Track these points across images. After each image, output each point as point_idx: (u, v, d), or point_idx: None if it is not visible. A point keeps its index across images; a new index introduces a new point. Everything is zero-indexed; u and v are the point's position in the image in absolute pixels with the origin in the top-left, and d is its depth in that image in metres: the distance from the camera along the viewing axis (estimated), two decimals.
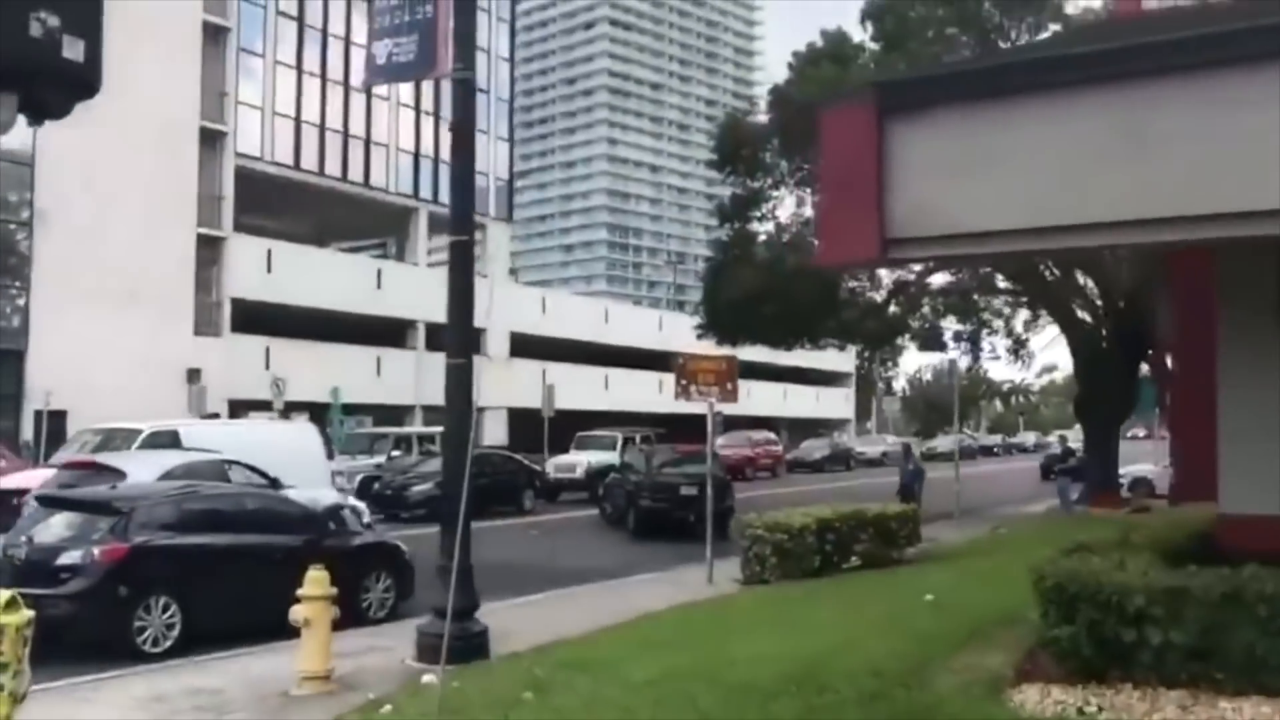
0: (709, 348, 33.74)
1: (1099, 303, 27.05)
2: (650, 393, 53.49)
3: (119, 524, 10.20)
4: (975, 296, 29.11)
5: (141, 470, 14.27)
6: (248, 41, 36.99)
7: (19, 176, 30.22)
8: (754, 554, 14.06)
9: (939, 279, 28.38)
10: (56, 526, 10.44)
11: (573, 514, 26.91)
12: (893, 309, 28.84)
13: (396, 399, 41.05)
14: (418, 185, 44.03)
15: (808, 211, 29.08)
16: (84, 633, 9.82)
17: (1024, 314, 32.15)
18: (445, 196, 44.31)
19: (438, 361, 34.62)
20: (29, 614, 3.92)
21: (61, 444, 29.47)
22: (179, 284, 33.65)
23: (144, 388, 30.55)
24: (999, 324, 29.77)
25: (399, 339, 42.43)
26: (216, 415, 31.34)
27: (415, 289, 42.10)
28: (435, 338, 42.66)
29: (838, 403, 73.14)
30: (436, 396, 35.34)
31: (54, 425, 29.09)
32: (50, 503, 10.84)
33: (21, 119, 3.59)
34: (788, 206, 29.84)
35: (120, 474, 13.92)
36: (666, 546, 19.87)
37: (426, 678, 8.36)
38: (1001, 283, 27.81)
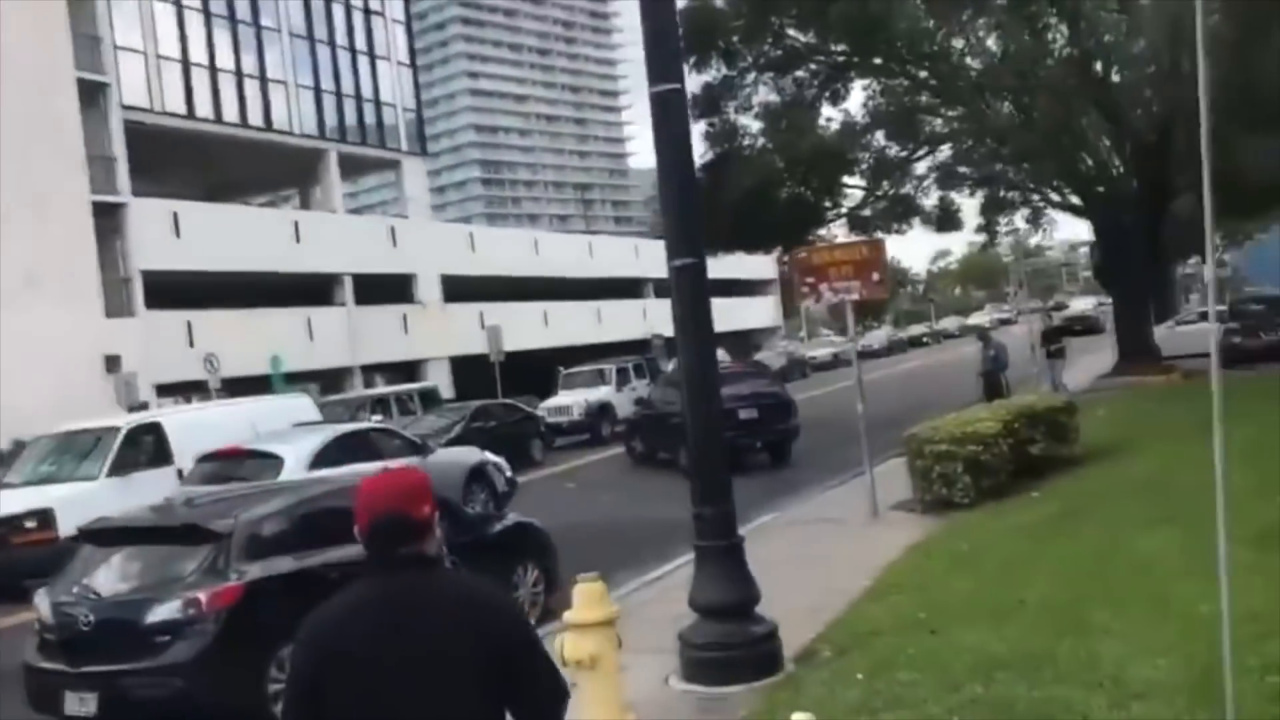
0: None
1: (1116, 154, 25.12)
2: (588, 324, 50.78)
3: (219, 554, 7.18)
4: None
5: (291, 452, 12.84)
6: None
7: None
8: (939, 474, 11.60)
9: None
10: (127, 569, 7.37)
11: (590, 458, 24.20)
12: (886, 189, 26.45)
13: (332, 361, 37.38)
14: (323, 125, 39.85)
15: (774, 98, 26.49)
16: (205, 714, 6.90)
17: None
18: (355, 133, 40.49)
19: (369, 316, 31.21)
20: None
21: None
22: (80, 261, 29.37)
23: (57, 382, 26.57)
24: (1011, 194, 27.44)
25: (326, 296, 38.61)
26: (146, 405, 27.53)
27: (336, 239, 38.27)
28: (364, 291, 39.13)
29: (765, 311, 71.37)
30: (373, 354, 31.88)
31: None
32: (107, 538, 7.69)
33: None
34: (761, 94, 27.07)
35: (274, 459, 12.53)
36: (744, 481, 17.34)
37: (799, 717, 5.69)
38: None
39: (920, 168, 26.29)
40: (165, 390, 30.47)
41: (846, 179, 24.44)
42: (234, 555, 7.16)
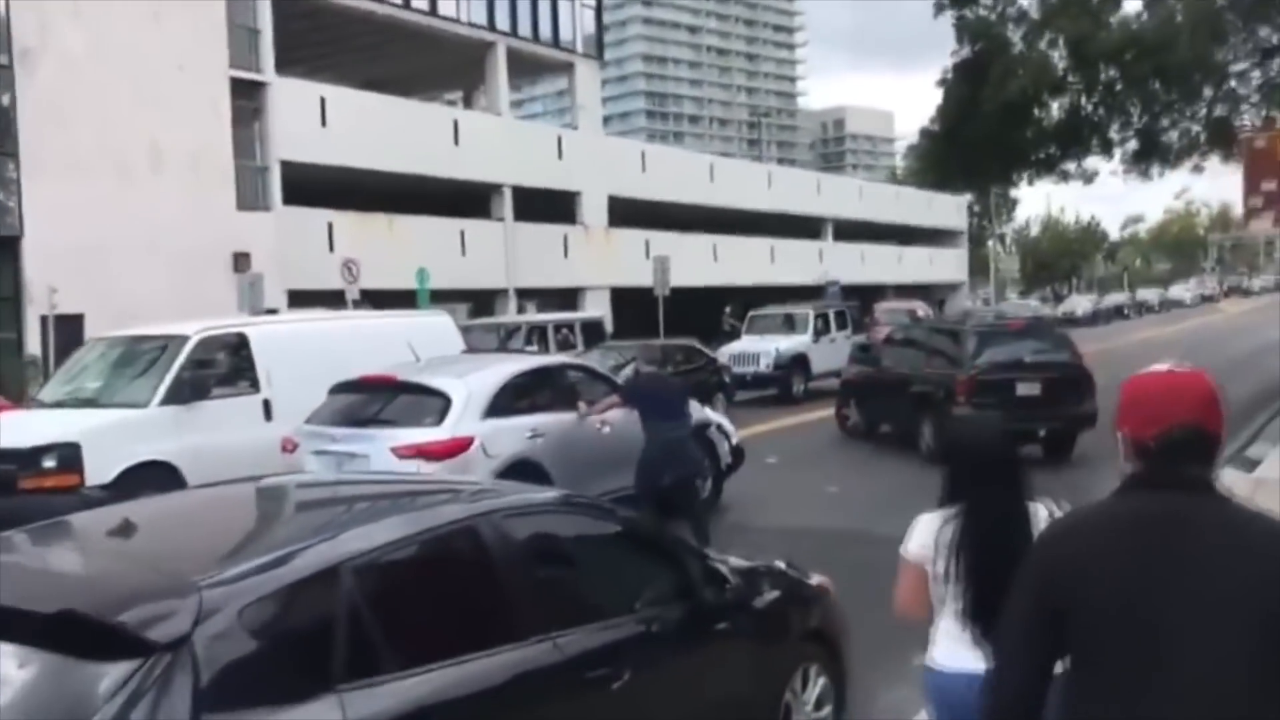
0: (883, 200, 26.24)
1: None
2: (760, 263, 46.03)
3: (148, 684, 2.79)
4: None
5: (461, 390, 9.45)
6: None
7: None
8: None
9: None
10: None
11: (784, 421, 19.57)
12: None
13: (484, 281, 33.61)
14: (493, 15, 35.60)
15: None
16: None
17: None
18: (527, 28, 36.35)
19: (527, 235, 27.65)
20: None
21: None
22: (212, 142, 25.99)
23: (180, 278, 23.42)
24: None
25: (482, 208, 34.76)
26: (275, 311, 24.11)
27: (499, 145, 34.24)
28: (524, 206, 35.13)
29: (950, 264, 65.03)
30: (529, 277, 28.30)
31: (67, 334, 21.95)
32: None
33: None
34: None
35: (438, 397, 9.41)
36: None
37: None
38: None
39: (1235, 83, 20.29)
40: (299, 298, 27.06)
41: (1158, 85, 18.77)
42: (190, 689, 2.75)
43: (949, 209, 63.36)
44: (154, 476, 9.95)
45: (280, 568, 3.11)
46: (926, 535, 3.41)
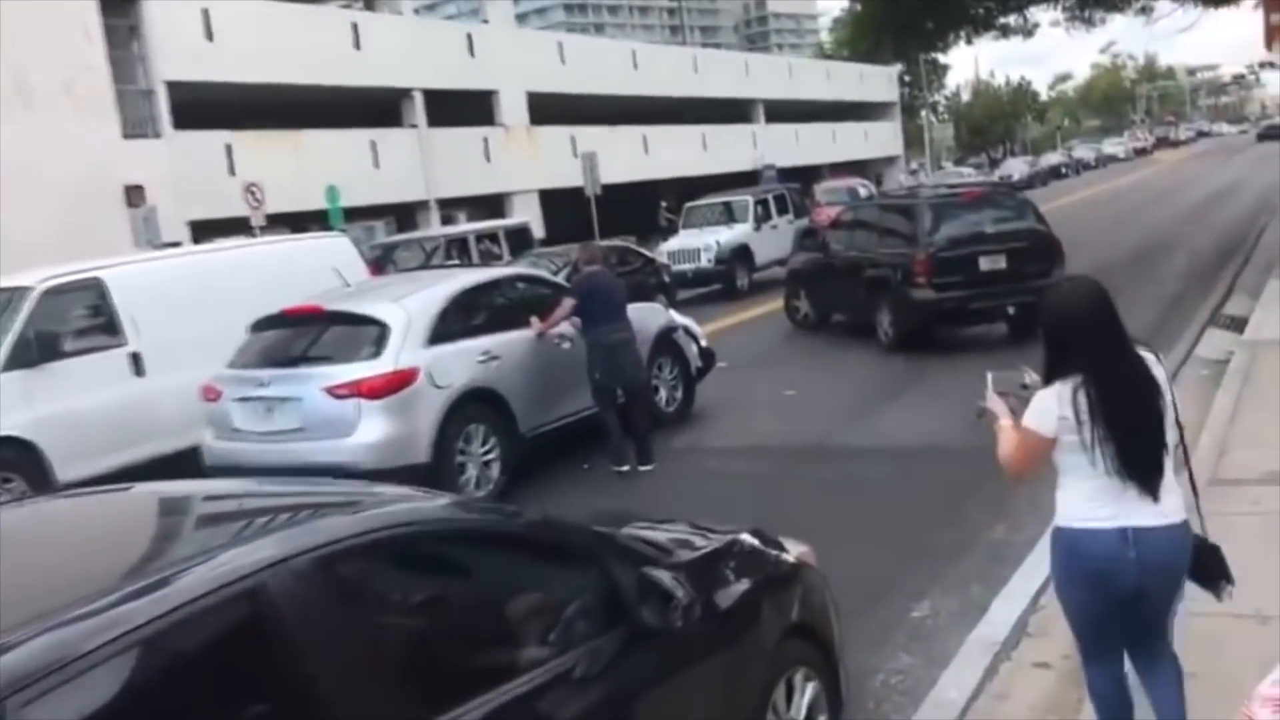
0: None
1: None
2: (693, 152, 44.37)
3: None
4: None
5: (399, 316, 8.45)
6: None
7: None
8: None
9: None
10: None
11: (730, 319, 18.29)
12: None
13: (402, 194, 31.66)
14: None
15: None
16: None
17: None
18: None
19: (444, 141, 26.27)
20: None
21: None
22: (85, 66, 23.68)
23: (71, 218, 21.50)
24: None
25: (393, 116, 32.65)
26: (178, 244, 22.29)
27: (405, 46, 32.03)
28: (438, 111, 33.05)
29: (885, 138, 63.61)
30: (450, 186, 27.14)
31: None
32: None
33: None
34: None
35: (374, 325, 8.47)
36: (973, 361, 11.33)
37: None
38: None
39: None
40: (202, 229, 25.17)
41: None
42: None
43: (880, 82, 61.87)
44: (7, 456, 8.55)
45: None
46: (1063, 407, 3.35)
